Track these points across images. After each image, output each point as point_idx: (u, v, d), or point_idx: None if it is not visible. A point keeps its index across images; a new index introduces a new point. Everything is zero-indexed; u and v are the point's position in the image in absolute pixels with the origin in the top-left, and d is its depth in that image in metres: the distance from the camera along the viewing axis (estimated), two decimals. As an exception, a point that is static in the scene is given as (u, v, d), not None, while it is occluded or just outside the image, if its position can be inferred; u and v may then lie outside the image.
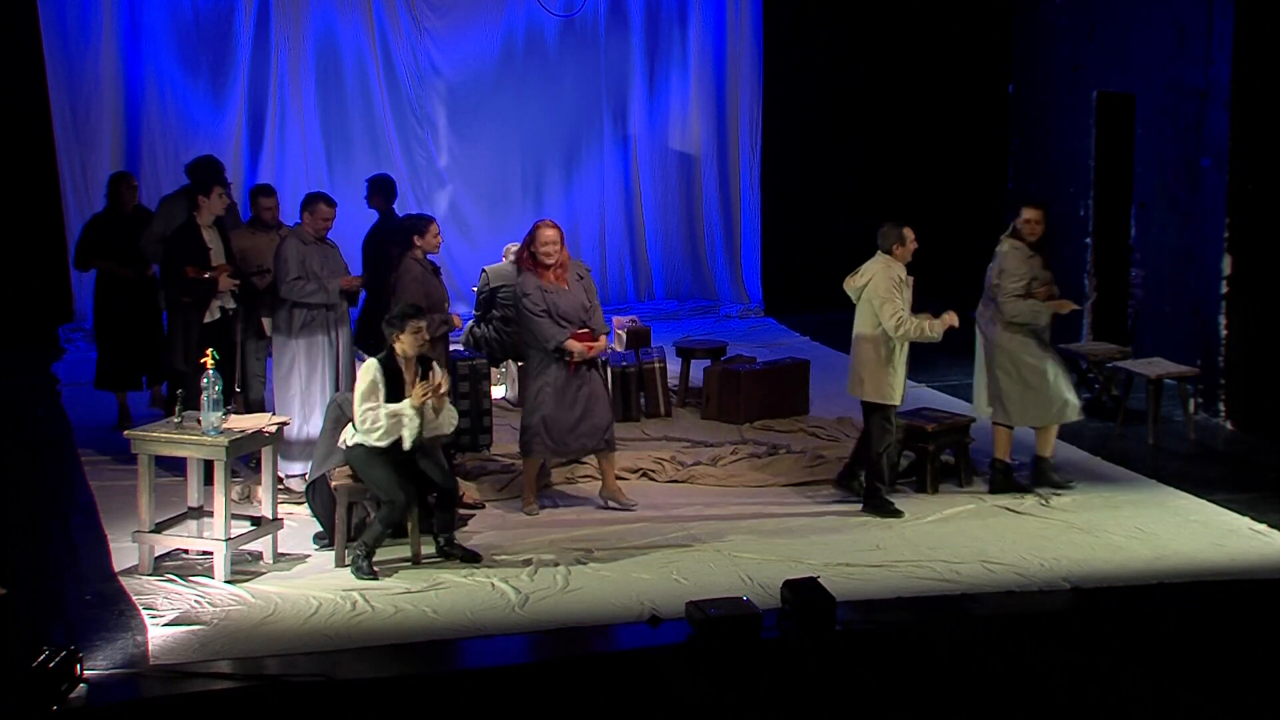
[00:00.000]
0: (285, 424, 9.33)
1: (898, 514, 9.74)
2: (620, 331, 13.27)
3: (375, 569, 8.67)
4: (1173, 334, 12.78)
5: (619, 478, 10.25)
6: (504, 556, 8.95)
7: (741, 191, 16.77)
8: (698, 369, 12.96)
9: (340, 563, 8.82)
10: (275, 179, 14.62)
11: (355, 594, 8.36)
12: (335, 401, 9.30)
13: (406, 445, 8.63)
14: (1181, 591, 8.65)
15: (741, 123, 16.68)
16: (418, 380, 8.68)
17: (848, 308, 10.18)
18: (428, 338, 8.86)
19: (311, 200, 10.30)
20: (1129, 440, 11.66)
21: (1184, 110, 12.70)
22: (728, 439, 11.56)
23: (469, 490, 10.03)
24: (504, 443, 11.03)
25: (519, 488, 10.05)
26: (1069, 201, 14.14)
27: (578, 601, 8.36)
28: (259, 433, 8.84)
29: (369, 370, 8.68)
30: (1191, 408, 11.98)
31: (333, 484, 8.93)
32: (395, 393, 8.68)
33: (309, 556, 9.08)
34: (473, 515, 9.74)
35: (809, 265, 16.01)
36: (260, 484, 9.16)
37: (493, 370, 11.77)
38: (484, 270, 12.22)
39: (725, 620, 7.72)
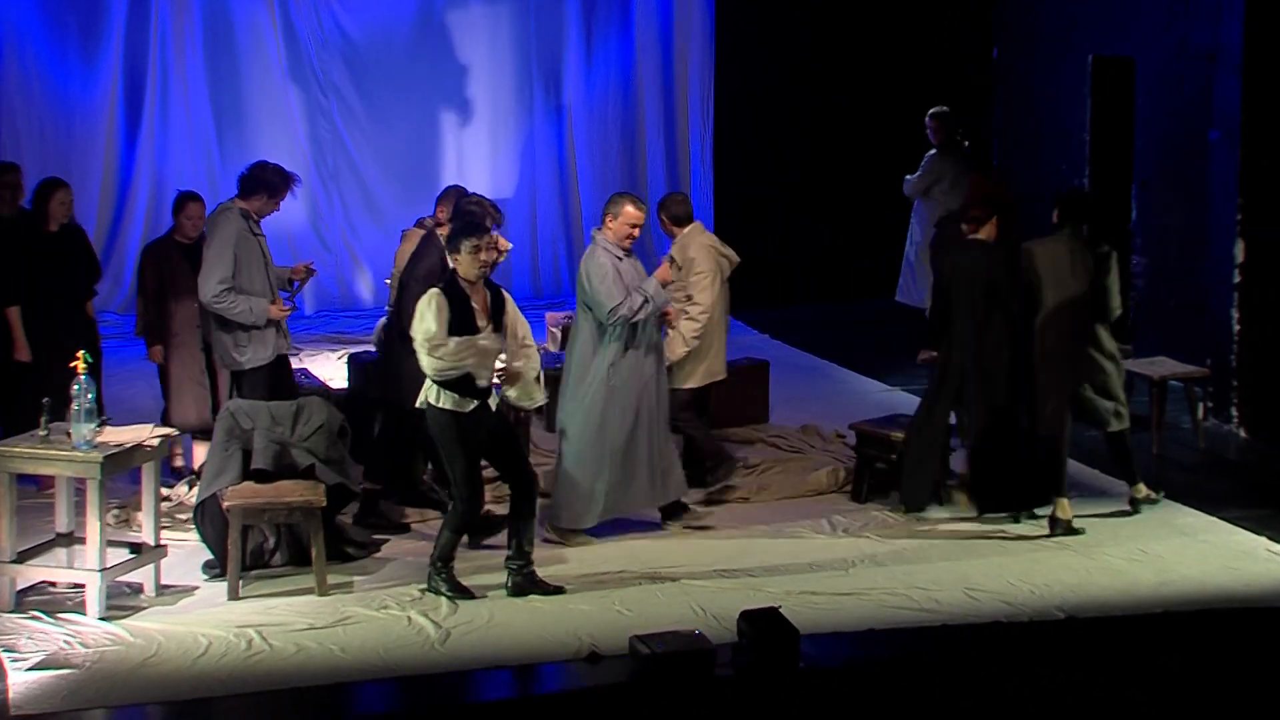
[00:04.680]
0: (172, 435, 9.28)
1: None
2: (554, 330, 13.23)
3: (464, 584, 8.76)
4: (1179, 330, 12.88)
5: (548, 495, 10.30)
6: (422, 586, 8.91)
7: (692, 170, 16.82)
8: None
9: (234, 595, 8.77)
10: (156, 157, 14.58)
11: (250, 631, 8.30)
12: (228, 410, 9.25)
13: (481, 381, 8.65)
14: (1189, 621, 8.69)
15: (691, 93, 16.73)
16: (487, 310, 8.71)
17: (814, 301, 10.21)
18: (491, 260, 8.74)
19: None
20: (1131, 450, 11.70)
21: (1190, 76, 12.79)
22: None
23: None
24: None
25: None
26: (1061, 180, 14.22)
27: (506, 636, 8.34)
28: (138, 447, 8.76)
29: (431, 299, 8.65)
30: (1200, 413, 12.08)
31: (225, 504, 8.89)
32: (463, 325, 8.65)
33: (197, 588, 9.01)
34: (386, 542, 9.73)
35: (769, 253, 16.05)
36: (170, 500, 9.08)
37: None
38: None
39: (674, 657, 7.71)
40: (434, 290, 8.70)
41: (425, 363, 8.65)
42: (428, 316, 8.61)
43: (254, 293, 9.80)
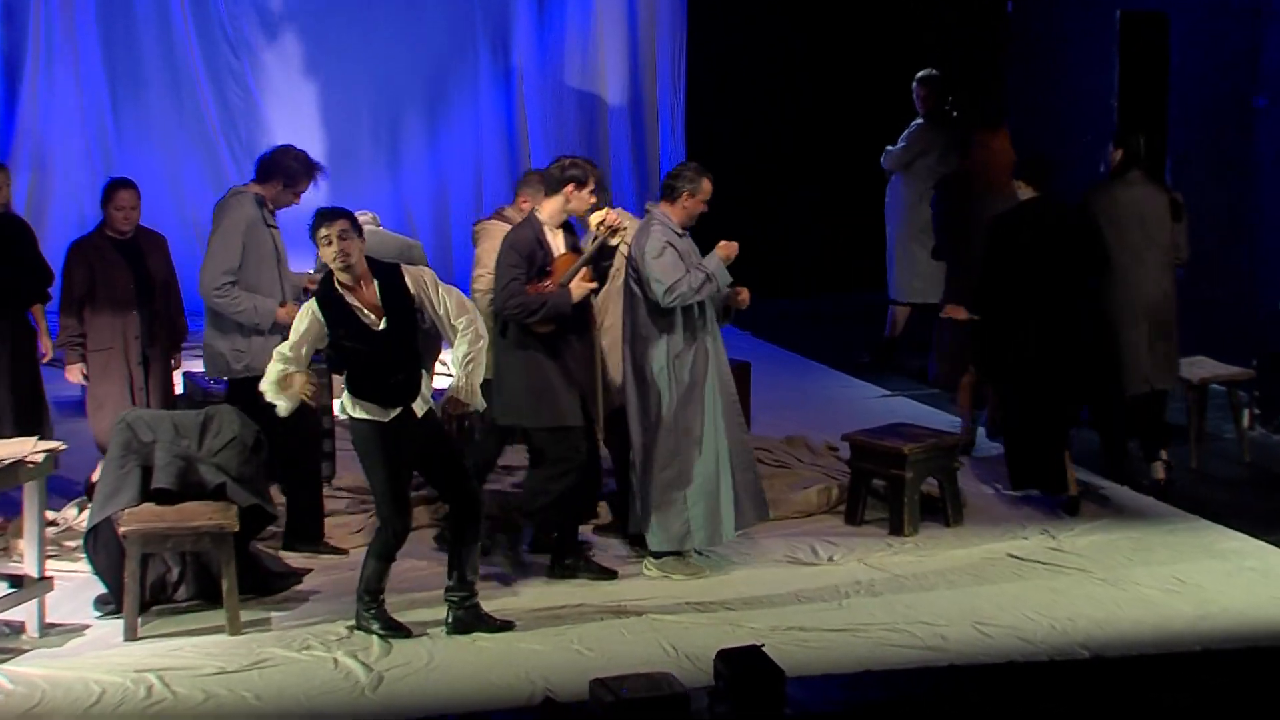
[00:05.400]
0: (58, 451, 9.26)
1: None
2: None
3: (397, 620, 8.77)
4: (1220, 326, 12.95)
5: (495, 516, 10.29)
6: (350, 623, 8.91)
7: (661, 143, 16.87)
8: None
9: (132, 635, 8.75)
10: (39, 127, 14.52)
11: (151, 676, 8.29)
12: (125, 420, 9.24)
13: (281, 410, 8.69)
14: (1234, 660, 8.72)
15: (660, 55, 16.77)
16: (378, 304, 8.65)
17: (801, 294, 10.27)
18: (339, 256, 8.58)
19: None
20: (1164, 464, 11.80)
21: (1233, 34, 12.85)
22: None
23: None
24: (354, 471, 10.95)
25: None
26: (1085, 153, 14.25)
27: (447, 681, 8.34)
28: (19, 463, 8.75)
29: (302, 315, 8.70)
30: (1245, 421, 12.16)
31: (121, 530, 8.86)
32: (349, 329, 8.64)
33: (88, 627, 8.99)
34: (309, 572, 9.73)
35: (749, 239, 16.02)
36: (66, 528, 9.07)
37: (334, 377, 11.70)
38: (321, 247, 12.15)
39: (641, 703, 7.70)
40: (310, 300, 8.72)
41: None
42: (294, 325, 8.71)
43: (260, 290, 9.84)
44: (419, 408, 8.74)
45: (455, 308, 8.80)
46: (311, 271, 10.45)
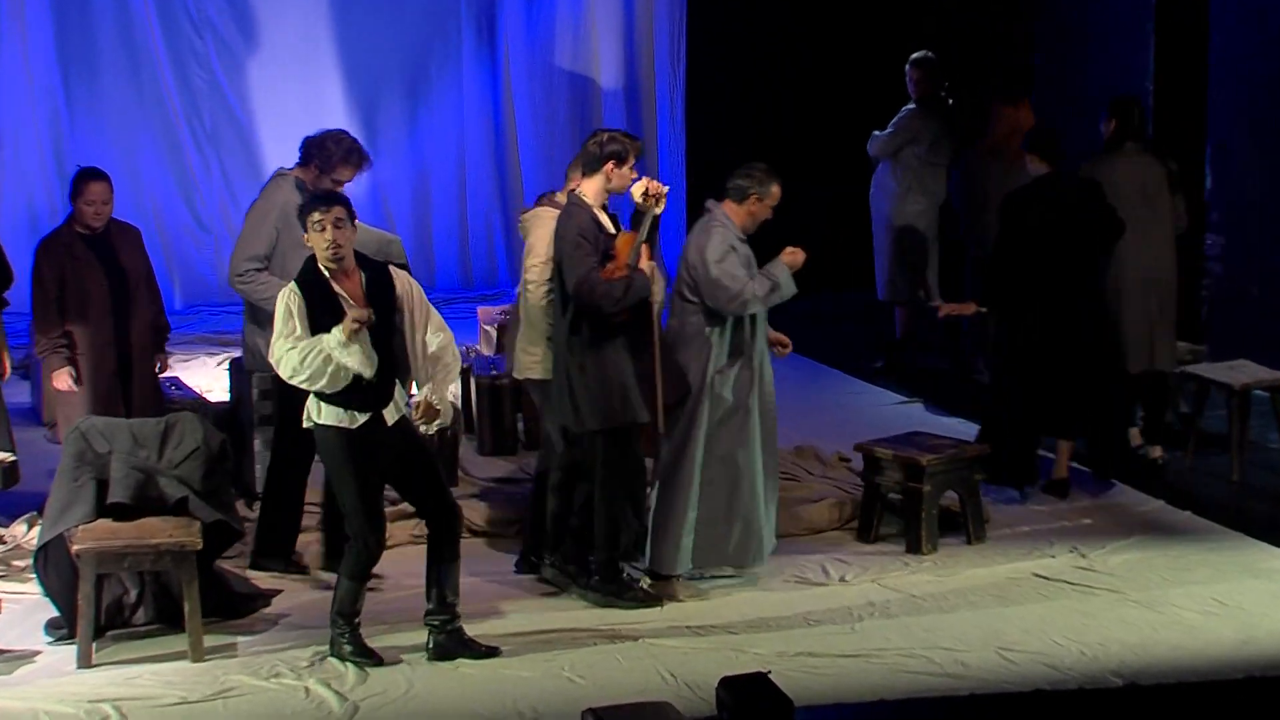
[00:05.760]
0: (10, 461, 9.27)
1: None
2: (488, 328, 13.27)
3: (371, 648, 8.72)
4: (1264, 326, 12.95)
5: (483, 533, 10.36)
6: (323, 649, 8.90)
7: (659, 131, 16.87)
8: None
9: (86, 661, 8.74)
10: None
11: (107, 707, 8.29)
12: (78, 429, 9.22)
13: (363, 370, 8.47)
14: (1279, 688, 8.71)
15: (658, 36, 16.78)
16: (363, 297, 8.58)
17: (810, 291, 10.29)
18: (331, 245, 8.56)
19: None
20: (1204, 476, 11.82)
21: (1277, 12, 12.84)
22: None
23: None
24: (313, 487, 10.94)
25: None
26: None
27: (427, 711, 8.33)
28: (-35, 475, 8.75)
29: (282, 296, 8.61)
30: (1291, 429, 12.19)
31: (74, 548, 8.85)
32: (330, 321, 8.55)
33: (39, 653, 8.97)
34: (279, 593, 9.72)
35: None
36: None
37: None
38: (294, 243, 12.17)
39: (637, 735, 7.71)
40: (288, 285, 8.66)
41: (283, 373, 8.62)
42: (276, 320, 8.59)
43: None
44: (390, 415, 8.71)
45: (435, 325, 8.82)
46: None
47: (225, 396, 12.02)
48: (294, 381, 8.51)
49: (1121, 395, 11.55)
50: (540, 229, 9.97)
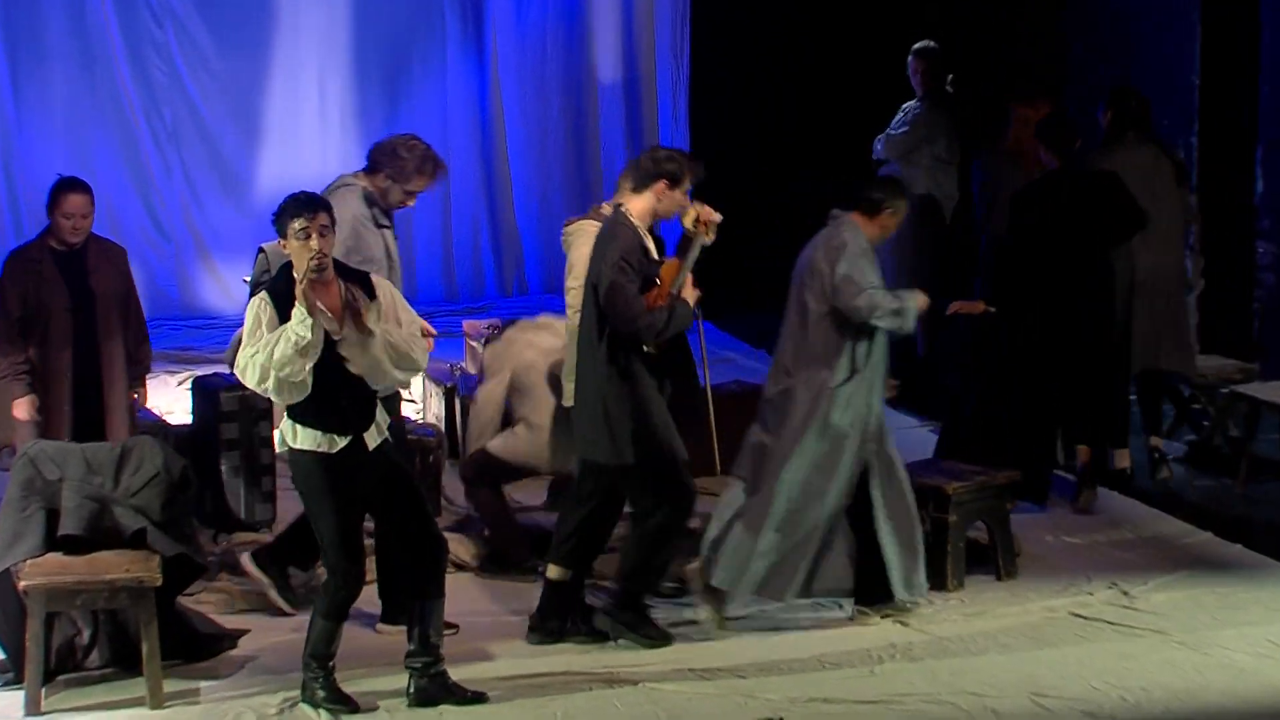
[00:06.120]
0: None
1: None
2: (475, 343, 13.22)
3: (347, 694, 8.67)
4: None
5: (469, 567, 10.38)
6: (294, 694, 8.84)
7: (661, 130, 16.90)
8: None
9: (34, 709, 8.71)
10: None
11: (57, 758, 8.27)
12: (26, 455, 9.21)
13: (330, 327, 8.37)
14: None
15: (659, 26, 16.81)
16: (340, 309, 8.49)
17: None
18: (316, 255, 8.48)
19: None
20: (1256, 505, 11.82)
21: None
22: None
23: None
24: (292, 515, 10.89)
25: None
26: (1163, 140, 14.23)
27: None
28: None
29: (253, 306, 8.56)
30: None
31: (21, 584, 8.83)
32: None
33: (-18, 700, 8.98)
34: (246, 632, 9.65)
35: (763, 240, 16.03)
36: None
37: (274, 404, 11.69)
38: (261, 250, 12.10)
39: (637, 790, 7.68)
40: (260, 294, 8.59)
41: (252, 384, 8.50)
42: (245, 329, 8.50)
43: None
44: (372, 438, 8.65)
45: (413, 335, 8.75)
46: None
47: (187, 419, 11.95)
48: (264, 386, 8.41)
49: (1122, 402, 11.83)
50: (583, 245, 9.93)
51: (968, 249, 14.21)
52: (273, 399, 8.54)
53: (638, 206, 9.44)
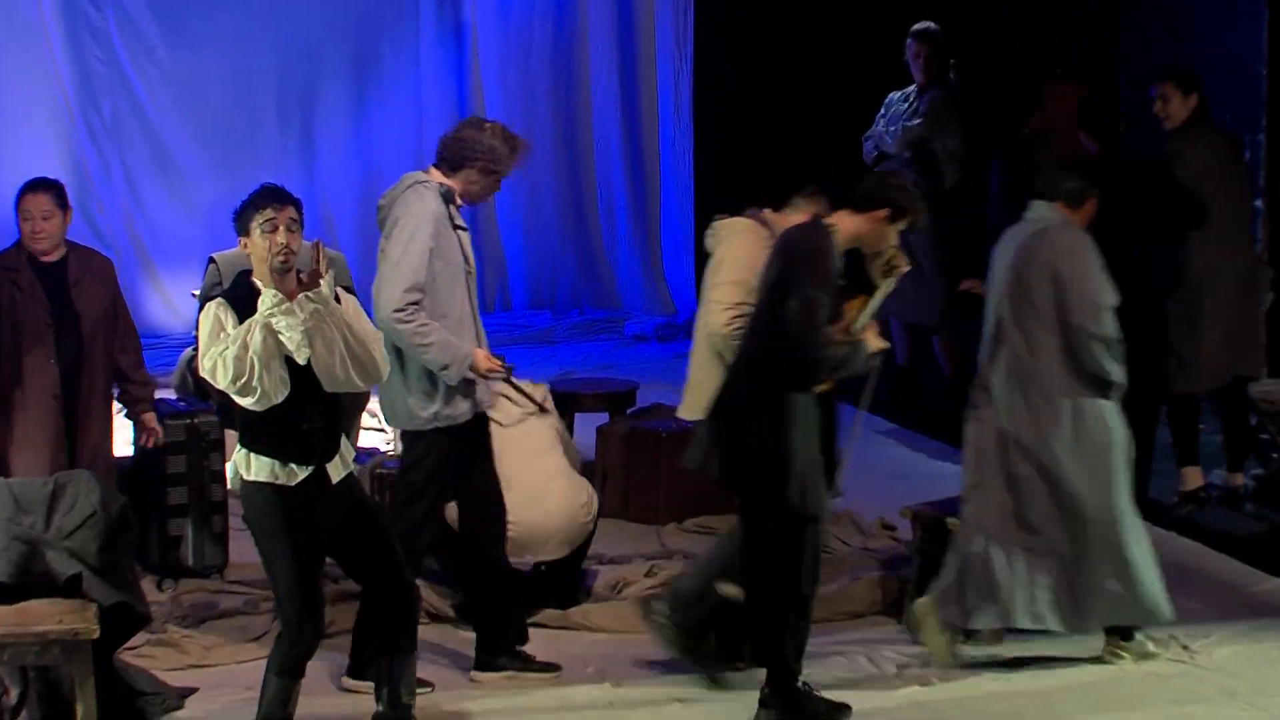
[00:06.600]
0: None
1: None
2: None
3: None
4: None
5: (444, 618, 10.50)
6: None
7: (661, 120, 16.94)
8: (587, 427, 13.00)
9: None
10: None
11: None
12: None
13: (297, 353, 8.27)
14: None
15: (660, 10, 16.80)
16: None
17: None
18: (284, 251, 8.42)
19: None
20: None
21: None
22: (638, 550, 11.66)
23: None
24: (246, 559, 10.87)
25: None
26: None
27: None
28: None
29: (209, 311, 8.46)
30: None
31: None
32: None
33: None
34: (194, 692, 9.65)
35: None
36: None
37: (227, 433, 11.62)
38: (211, 259, 12.14)
39: None
40: (215, 300, 8.49)
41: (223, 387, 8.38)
42: (201, 336, 8.39)
43: (450, 317, 9.55)
44: (335, 470, 8.54)
45: (376, 338, 8.67)
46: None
47: (129, 450, 11.87)
48: (241, 381, 8.22)
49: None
50: (737, 242, 10.00)
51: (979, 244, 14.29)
52: (248, 402, 8.38)
53: (848, 227, 9.28)
